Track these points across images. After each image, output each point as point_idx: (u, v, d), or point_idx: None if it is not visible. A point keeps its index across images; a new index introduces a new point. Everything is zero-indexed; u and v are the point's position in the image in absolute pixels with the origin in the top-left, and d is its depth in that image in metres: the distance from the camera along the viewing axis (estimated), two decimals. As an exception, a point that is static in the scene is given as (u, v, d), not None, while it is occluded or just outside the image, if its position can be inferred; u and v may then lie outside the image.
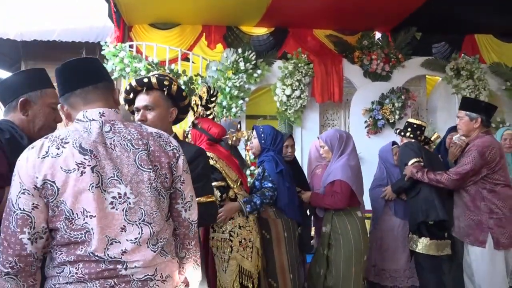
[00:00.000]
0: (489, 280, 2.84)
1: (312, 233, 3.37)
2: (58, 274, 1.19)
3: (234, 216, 2.58)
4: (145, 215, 1.24)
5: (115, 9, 5.19)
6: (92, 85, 1.30)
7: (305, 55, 5.67)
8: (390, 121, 5.70)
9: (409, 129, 3.49)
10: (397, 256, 3.45)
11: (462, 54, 6.14)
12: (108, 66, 5.20)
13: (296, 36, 6.02)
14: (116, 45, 5.27)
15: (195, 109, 2.55)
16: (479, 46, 6.26)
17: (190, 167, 1.54)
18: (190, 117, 2.55)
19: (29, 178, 1.17)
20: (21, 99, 1.59)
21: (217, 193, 2.51)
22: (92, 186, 1.18)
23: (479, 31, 6.22)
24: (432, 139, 3.65)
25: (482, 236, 2.85)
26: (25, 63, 6.89)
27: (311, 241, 3.07)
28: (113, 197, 1.21)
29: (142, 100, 1.87)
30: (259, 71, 5.51)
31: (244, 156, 4.26)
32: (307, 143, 5.51)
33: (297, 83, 5.50)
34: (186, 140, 2.56)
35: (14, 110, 1.60)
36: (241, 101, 5.37)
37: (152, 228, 1.25)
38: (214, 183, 2.43)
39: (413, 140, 3.42)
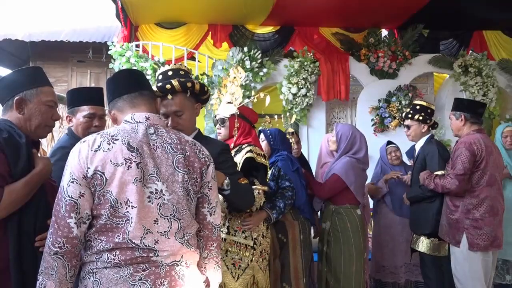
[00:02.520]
0: (467, 281, 2.81)
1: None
2: (97, 260, 1.31)
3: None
4: (176, 212, 1.38)
5: (121, 10, 5.22)
6: (138, 92, 1.47)
7: (311, 53, 5.64)
8: (397, 119, 5.66)
9: (422, 114, 3.25)
10: (395, 252, 3.46)
11: (470, 51, 6.07)
12: (115, 66, 5.24)
13: (302, 34, 6.00)
14: (123, 44, 5.29)
15: (233, 95, 2.42)
16: (487, 42, 6.18)
17: (220, 158, 1.74)
18: (225, 105, 2.43)
19: (80, 169, 1.31)
20: (16, 97, 1.59)
21: (262, 197, 2.33)
22: (136, 180, 1.32)
23: (487, 27, 6.14)
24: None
25: (457, 236, 2.83)
26: (34, 63, 6.97)
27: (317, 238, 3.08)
28: (151, 192, 1.35)
29: (169, 106, 1.88)
30: (265, 70, 5.50)
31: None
32: (314, 142, 5.50)
33: (303, 81, 5.48)
34: (235, 129, 2.40)
35: (10, 109, 1.60)
36: (247, 100, 5.35)
37: (180, 223, 1.39)
38: (257, 187, 2.30)
39: (432, 135, 3.27)
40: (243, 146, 2.36)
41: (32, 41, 6.43)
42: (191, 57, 5.66)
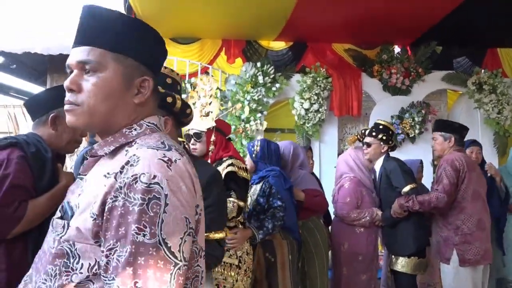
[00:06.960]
0: None
1: None
2: None
3: None
4: None
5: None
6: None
7: (324, 69, 5.68)
8: (410, 136, 5.63)
9: (385, 134, 3.19)
10: None
11: (483, 69, 6.04)
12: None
13: (315, 51, 6.04)
14: (138, 59, 5.38)
15: (205, 108, 2.34)
16: (501, 60, 6.14)
17: (206, 191, 1.38)
18: (199, 118, 2.19)
19: (191, 209, 0.82)
20: (52, 114, 1.65)
21: (235, 211, 2.22)
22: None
23: (501, 45, 6.11)
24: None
25: (448, 253, 2.86)
26: (50, 76, 7.11)
27: None
28: None
29: None
30: (277, 85, 5.53)
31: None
32: (325, 157, 5.49)
33: (315, 97, 5.50)
34: (211, 146, 2.21)
35: (43, 125, 1.67)
36: (259, 115, 5.40)
37: None
38: (233, 199, 2.20)
39: (390, 153, 3.26)
40: (224, 159, 2.27)
41: (50, 54, 6.57)
42: (205, 72, 5.72)
